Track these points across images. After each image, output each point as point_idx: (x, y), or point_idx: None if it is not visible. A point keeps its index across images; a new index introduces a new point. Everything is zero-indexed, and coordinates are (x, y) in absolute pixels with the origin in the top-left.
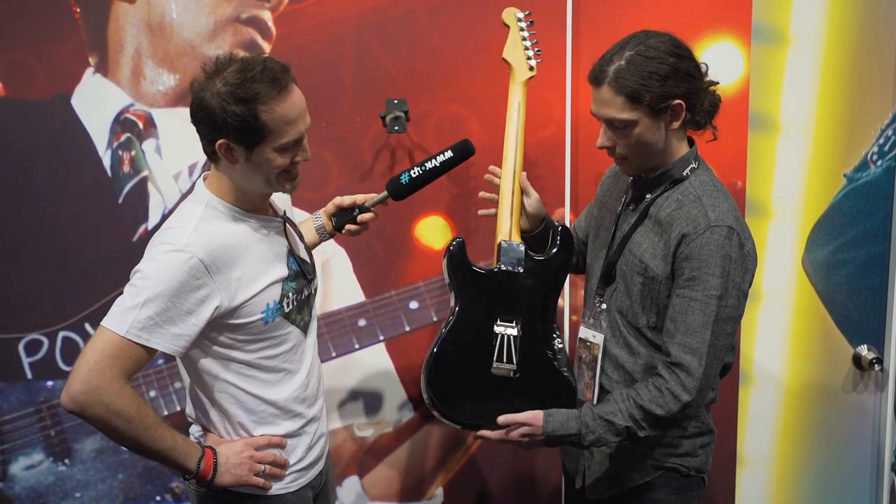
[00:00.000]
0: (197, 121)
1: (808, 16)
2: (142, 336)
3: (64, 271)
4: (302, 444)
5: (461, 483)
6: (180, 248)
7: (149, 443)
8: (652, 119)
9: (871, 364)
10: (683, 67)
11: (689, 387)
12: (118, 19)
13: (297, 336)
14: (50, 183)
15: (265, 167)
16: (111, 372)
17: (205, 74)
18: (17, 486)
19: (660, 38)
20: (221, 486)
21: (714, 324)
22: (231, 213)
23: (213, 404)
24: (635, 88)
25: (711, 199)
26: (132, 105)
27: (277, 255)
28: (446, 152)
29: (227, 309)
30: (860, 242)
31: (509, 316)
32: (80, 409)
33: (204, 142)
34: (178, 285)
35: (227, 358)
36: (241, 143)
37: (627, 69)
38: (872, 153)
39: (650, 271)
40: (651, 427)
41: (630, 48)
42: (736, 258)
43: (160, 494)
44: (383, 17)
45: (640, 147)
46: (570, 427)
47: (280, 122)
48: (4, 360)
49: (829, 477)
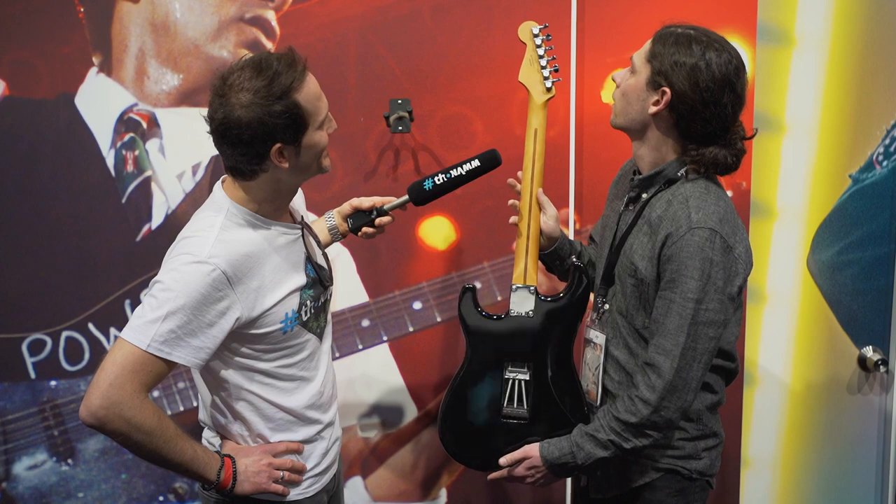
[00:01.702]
0: (241, 142)
1: (814, 16)
2: (163, 350)
3: (67, 271)
4: (318, 450)
5: (464, 485)
6: (203, 259)
7: (169, 455)
8: (646, 84)
9: (877, 365)
10: (702, 76)
11: (657, 387)
12: (122, 19)
13: (313, 343)
14: (53, 182)
15: (314, 151)
16: (132, 386)
17: (217, 98)
18: (20, 485)
19: (721, 50)
20: (241, 495)
21: (690, 326)
22: (252, 220)
23: (232, 413)
24: (659, 50)
25: (698, 200)
26: (136, 105)
27: (296, 263)
28: (473, 161)
29: (247, 319)
30: (865, 243)
31: (520, 361)
32: (100, 425)
33: (251, 159)
34: (200, 298)
35: (247, 367)
36: (291, 139)
37: (671, 37)
38: (878, 154)
39: (640, 273)
40: (634, 436)
41: (695, 31)
42: (718, 261)
43: (163, 495)
44: (387, 17)
45: (624, 97)
46: (563, 448)
47: (313, 101)
48: (8, 359)
49: (834, 479)
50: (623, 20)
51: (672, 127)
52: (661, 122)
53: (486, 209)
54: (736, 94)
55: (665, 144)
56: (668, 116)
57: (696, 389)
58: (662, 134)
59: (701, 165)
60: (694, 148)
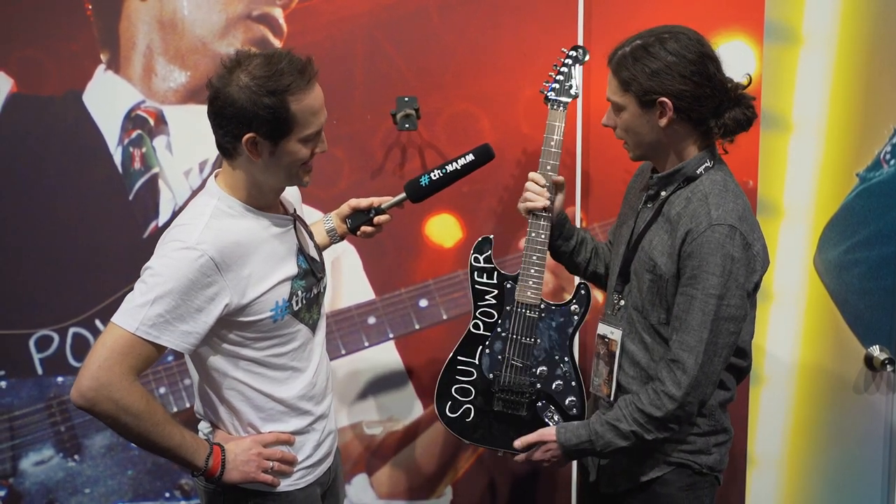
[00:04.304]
0: (222, 116)
1: (821, 15)
2: (152, 333)
3: (74, 267)
4: (310, 442)
5: (470, 482)
6: (191, 245)
7: (157, 439)
8: (640, 109)
9: (884, 364)
10: (679, 68)
11: (682, 383)
12: (130, 16)
13: (305, 334)
14: (61, 179)
15: (289, 159)
16: (121, 369)
17: (224, 69)
18: (27, 481)
19: (674, 36)
20: (230, 483)
21: (713, 322)
22: (242, 210)
23: (221, 401)
24: (626, 76)
25: (717, 197)
26: (143, 102)
27: (287, 253)
28: (467, 156)
29: (236, 307)
30: (872, 242)
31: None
32: (89, 406)
33: (227, 137)
34: (188, 283)
35: (236, 355)
36: (269, 136)
37: (628, 57)
38: (885, 152)
39: (658, 269)
40: (657, 429)
41: (642, 38)
42: (739, 257)
43: (169, 491)
44: (394, 15)
45: (629, 133)
46: (580, 435)
47: (307, 113)
48: (15, 355)
49: (841, 477)
50: (630, 20)
51: (687, 125)
52: (676, 127)
53: (492, 206)
54: (713, 59)
55: (686, 143)
56: (678, 119)
57: (715, 383)
58: (681, 137)
59: (728, 133)
60: (714, 124)
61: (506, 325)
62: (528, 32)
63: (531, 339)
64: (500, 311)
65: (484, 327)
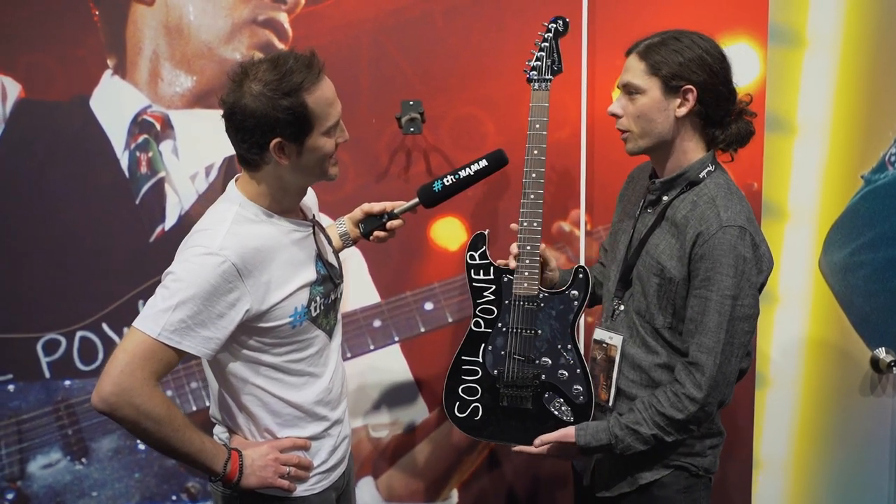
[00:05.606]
0: (244, 130)
1: (825, 17)
2: (173, 339)
3: (81, 271)
4: (326, 447)
5: (476, 485)
6: (213, 251)
7: (177, 445)
8: (662, 94)
9: (889, 366)
10: (709, 62)
11: (703, 385)
12: (136, 22)
13: (322, 340)
14: (68, 184)
15: (316, 155)
16: (142, 374)
17: (233, 83)
18: (34, 484)
19: (700, 36)
20: (247, 488)
21: (729, 323)
22: (263, 215)
23: (239, 407)
24: (657, 59)
25: (725, 200)
26: (150, 107)
27: (306, 258)
28: (481, 161)
29: (256, 312)
30: (878, 244)
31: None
32: (110, 410)
33: (253, 150)
34: (210, 289)
35: (256, 361)
36: (293, 137)
37: (659, 44)
38: (890, 154)
39: (667, 272)
40: (677, 431)
41: (670, 34)
42: (749, 258)
43: (176, 494)
44: (400, 20)
45: (641, 120)
46: (600, 439)
47: (324, 105)
48: (23, 359)
49: (847, 480)
50: (634, 21)
51: (699, 122)
52: (689, 121)
53: (497, 209)
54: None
55: (691, 145)
56: (695, 113)
57: (733, 383)
58: (689, 135)
59: (732, 144)
60: (720, 132)
61: (506, 320)
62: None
63: (532, 331)
64: (499, 306)
65: (485, 325)
